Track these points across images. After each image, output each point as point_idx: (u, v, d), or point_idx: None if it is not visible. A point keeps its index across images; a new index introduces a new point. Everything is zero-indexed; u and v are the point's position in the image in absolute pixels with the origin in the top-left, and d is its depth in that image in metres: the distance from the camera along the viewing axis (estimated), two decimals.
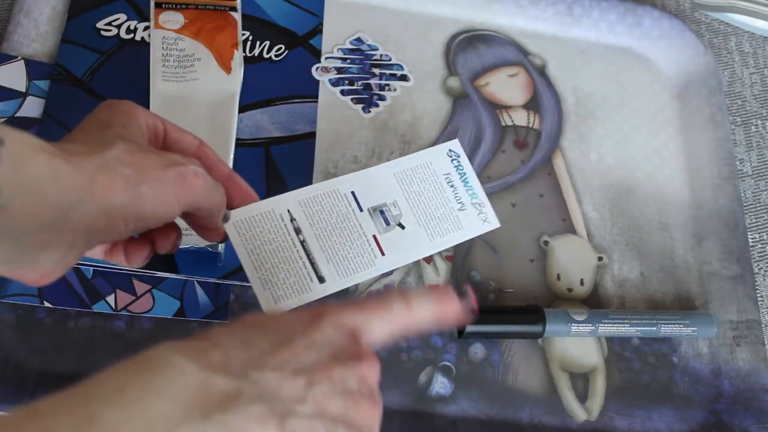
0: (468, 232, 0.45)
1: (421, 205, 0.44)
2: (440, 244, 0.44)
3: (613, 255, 0.58)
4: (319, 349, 0.31)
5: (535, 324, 0.51)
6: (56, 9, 0.56)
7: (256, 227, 0.40)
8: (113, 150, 0.33)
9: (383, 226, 0.43)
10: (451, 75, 0.62)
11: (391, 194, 0.44)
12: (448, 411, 0.50)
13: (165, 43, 0.52)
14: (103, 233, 0.33)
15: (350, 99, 0.59)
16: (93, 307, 0.48)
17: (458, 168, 0.46)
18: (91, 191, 0.31)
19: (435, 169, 0.45)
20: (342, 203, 0.43)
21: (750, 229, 0.62)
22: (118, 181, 0.32)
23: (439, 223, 0.44)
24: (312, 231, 0.41)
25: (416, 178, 0.45)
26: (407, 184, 0.44)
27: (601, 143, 0.62)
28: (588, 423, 0.52)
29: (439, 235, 0.44)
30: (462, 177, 0.46)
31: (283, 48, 0.59)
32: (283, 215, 0.41)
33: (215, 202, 0.37)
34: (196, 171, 0.35)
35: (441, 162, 0.46)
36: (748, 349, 0.56)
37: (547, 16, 0.66)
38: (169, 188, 0.34)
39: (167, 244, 0.39)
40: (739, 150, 0.66)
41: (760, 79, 0.70)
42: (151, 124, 0.37)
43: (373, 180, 0.44)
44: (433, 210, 0.44)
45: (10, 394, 0.44)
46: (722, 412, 0.54)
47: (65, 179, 0.30)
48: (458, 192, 0.45)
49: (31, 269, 0.32)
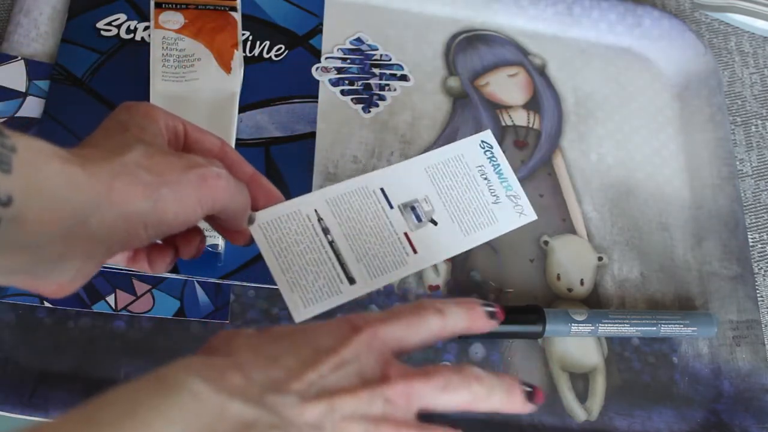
0: (504, 225, 0.43)
1: (454, 199, 0.43)
2: (475, 239, 0.42)
3: (613, 255, 0.58)
4: (347, 368, 0.30)
5: (535, 324, 0.51)
6: (56, 9, 0.56)
7: (283, 228, 0.39)
8: (132, 154, 0.32)
9: (415, 222, 0.41)
10: (451, 75, 0.62)
11: (422, 190, 0.42)
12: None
13: (165, 43, 0.52)
14: (123, 241, 0.32)
15: (350, 99, 0.59)
16: (93, 307, 0.48)
17: (492, 159, 0.44)
18: (109, 198, 0.30)
19: (467, 161, 0.44)
20: (371, 200, 0.41)
21: (750, 229, 0.62)
22: (137, 186, 0.31)
23: (474, 218, 0.43)
24: (340, 230, 0.40)
25: (448, 172, 0.43)
26: (439, 179, 0.43)
27: (601, 143, 0.62)
28: (588, 423, 0.52)
29: (473, 230, 0.42)
30: (496, 168, 0.44)
31: (283, 48, 0.59)
32: (310, 215, 0.40)
33: (239, 203, 0.36)
34: (219, 173, 0.34)
35: (473, 154, 0.44)
36: (748, 349, 0.56)
37: (547, 16, 0.66)
38: (190, 191, 0.33)
39: (191, 248, 0.38)
40: (739, 150, 0.66)
41: (760, 79, 0.70)
42: (171, 126, 0.36)
43: (403, 176, 0.42)
44: (467, 204, 0.43)
45: (10, 394, 0.44)
46: (722, 412, 0.54)
47: (81, 186, 0.29)
48: (492, 184, 0.44)
49: (48, 281, 0.31)
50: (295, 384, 0.29)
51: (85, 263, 0.32)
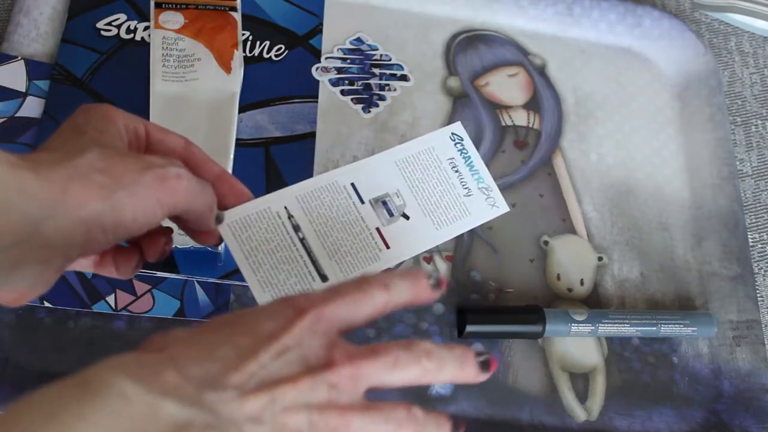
0: (476, 218, 0.43)
1: (426, 193, 0.42)
2: (447, 233, 0.42)
3: (613, 255, 0.58)
4: (289, 355, 0.29)
5: (535, 324, 0.51)
6: (56, 9, 0.56)
7: (253, 227, 0.38)
8: (87, 157, 0.31)
9: (386, 217, 0.41)
10: (451, 75, 0.62)
11: (393, 184, 0.42)
12: (448, 411, 0.50)
13: (165, 43, 0.52)
14: (82, 246, 0.31)
15: (350, 99, 0.59)
16: (93, 307, 0.48)
17: (462, 152, 0.44)
18: (63, 202, 0.29)
19: (438, 154, 0.43)
20: (342, 196, 0.41)
21: (750, 229, 0.62)
22: (92, 189, 0.30)
23: (446, 211, 0.42)
24: (311, 227, 0.39)
25: (419, 166, 0.43)
26: (409, 173, 0.42)
27: (601, 143, 0.62)
28: (588, 423, 0.52)
29: (445, 223, 0.42)
30: (467, 161, 0.44)
31: (283, 48, 0.59)
32: (280, 213, 0.39)
33: (202, 203, 0.35)
34: (179, 173, 0.33)
35: (444, 146, 0.44)
36: (748, 349, 0.56)
37: (547, 16, 0.66)
38: (148, 192, 0.32)
39: (156, 250, 0.37)
40: (739, 150, 0.66)
41: (760, 79, 0.70)
42: (131, 127, 0.35)
43: (374, 170, 0.42)
44: (438, 198, 0.42)
45: (10, 394, 0.44)
46: (722, 412, 0.54)
47: (33, 192, 0.28)
48: (464, 177, 0.43)
49: (6, 289, 0.31)
50: (234, 377, 0.28)
51: (43, 270, 0.31)
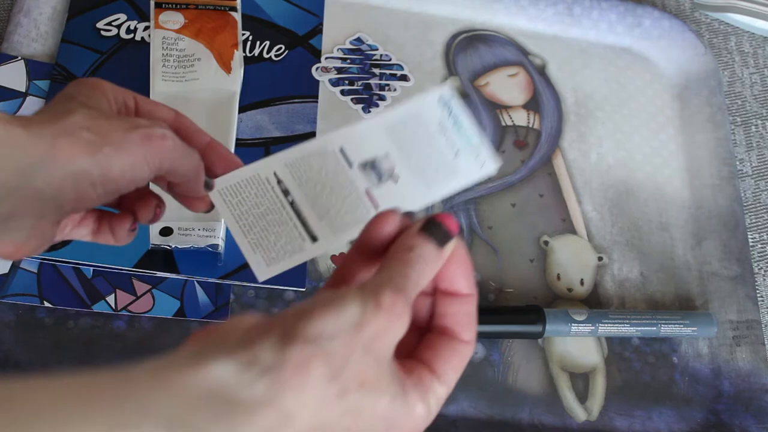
0: (465, 178, 0.43)
1: (415, 155, 0.42)
2: (437, 193, 0.42)
3: (613, 255, 0.58)
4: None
5: (535, 324, 0.51)
6: (56, 9, 0.56)
7: (242, 193, 0.39)
8: (74, 117, 0.32)
9: (376, 180, 0.41)
10: (451, 75, 0.62)
11: (383, 147, 0.42)
12: (448, 411, 0.50)
13: (165, 43, 0.52)
14: (73, 200, 0.32)
15: (350, 99, 0.59)
16: (93, 307, 0.48)
17: (451, 114, 0.44)
18: (53, 156, 0.31)
19: (427, 117, 0.43)
20: (330, 161, 0.41)
21: (750, 229, 0.62)
22: (80, 144, 0.32)
23: (435, 173, 0.42)
24: (301, 192, 0.40)
25: (408, 129, 0.43)
26: (398, 137, 0.42)
27: (601, 143, 0.62)
28: (588, 423, 0.52)
29: (436, 184, 0.42)
30: (456, 123, 0.43)
31: (283, 48, 0.59)
32: (269, 178, 0.40)
33: (189, 165, 0.36)
34: (164, 133, 0.34)
35: (432, 110, 0.44)
36: (748, 349, 0.56)
37: (547, 16, 0.66)
38: (135, 149, 0.33)
39: (148, 212, 0.39)
40: (739, 150, 0.66)
41: (760, 79, 0.70)
42: (120, 99, 0.37)
43: (362, 135, 0.42)
44: (427, 160, 0.42)
45: None
46: (722, 412, 0.54)
47: (23, 145, 0.30)
48: (453, 139, 0.43)
49: (3, 240, 0.32)
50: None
51: (37, 223, 0.32)
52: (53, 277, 0.48)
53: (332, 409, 0.26)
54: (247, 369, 0.24)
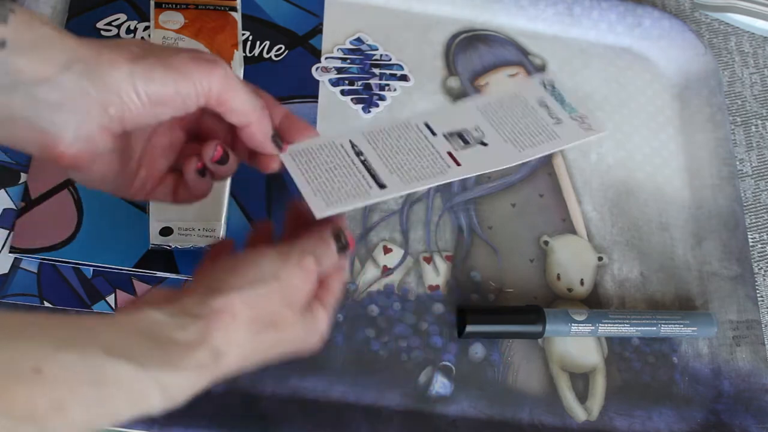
0: (566, 140, 0.42)
1: (509, 126, 0.41)
2: (531, 153, 0.41)
3: (613, 255, 0.58)
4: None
5: (535, 324, 0.51)
6: (56, 9, 0.56)
7: (315, 157, 0.39)
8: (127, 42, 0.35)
9: (461, 144, 0.40)
10: (451, 75, 0.62)
11: (473, 122, 0.41)
12: (448, 411, 0.50)
13: (165, 43, 0.52)
14: (117, 105, 0.33)
15: (350, 99, 0.59)
16: (93, 307, 0.48)
17: (554, 91, 0.43)
18: (96, 60, 0.33)
19: (526, 96, 0.42)
20: (412, 132, 0.40)
21: (750, 229, 0.62)
22: (125, 53, 0.33)
23: (532, 138, 0.41)
24: (375, 152, 0.39)
25: (503, 107, 0.42)
26: (492, 113, 0.42)
27: (601, 143, 0.62)
28: (588, 423, 0.52)
29: (530, 146, 0.41)
30: (557, 98, 0.43)
31: (283, 48, 0.59)
32: (344, 145, 0.39)
33: (245, 102, 0.36)
34: (216, 59, 0.35)
35: (533, 90, 0.43)
36: (748, 349, 0.56)
37: (547, 16, 0.66)
38: (181, 65, 0.34)
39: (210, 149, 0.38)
40: (739, 150, 0.66)
41: (760, 79, 0.70)
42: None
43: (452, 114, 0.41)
44: (524, 128, 0.41)
45: None
46: (722, 412, 0.54)
47: (70, 45, 0.32)
48: (553, 110, 0.42)
49: (52, 136, 0.33)
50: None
51: (83, 121, 0.33)
52: (53, 277, 0.48)
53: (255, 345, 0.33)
54: (177, 316, 0.31)
